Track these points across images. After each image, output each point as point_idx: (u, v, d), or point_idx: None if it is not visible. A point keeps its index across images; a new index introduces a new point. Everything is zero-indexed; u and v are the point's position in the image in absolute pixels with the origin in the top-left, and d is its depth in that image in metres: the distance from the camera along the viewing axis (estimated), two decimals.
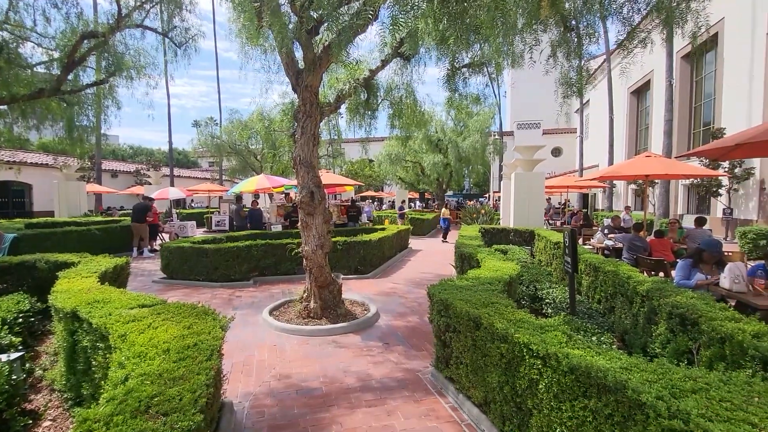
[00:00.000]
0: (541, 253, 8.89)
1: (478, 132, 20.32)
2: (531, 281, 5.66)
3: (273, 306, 5.66)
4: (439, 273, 8.72)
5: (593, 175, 9.74)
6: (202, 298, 6.47)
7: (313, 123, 4.89)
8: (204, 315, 2.80)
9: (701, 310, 2.99)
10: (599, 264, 5.04)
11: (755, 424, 1.37)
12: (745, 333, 2.43)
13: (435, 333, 3.49)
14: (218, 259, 7.51)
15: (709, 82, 18.07)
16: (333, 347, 4.37)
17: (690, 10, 3.54)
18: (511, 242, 10.54)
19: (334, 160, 29.54)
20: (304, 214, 5.03)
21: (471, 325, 2.82)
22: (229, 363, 3.90)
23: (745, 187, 14.54)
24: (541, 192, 11.27)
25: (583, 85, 4.55)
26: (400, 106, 7.74)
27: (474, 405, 2.92)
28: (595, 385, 1.78)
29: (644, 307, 3.82)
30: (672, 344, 3.19)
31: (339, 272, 8.14)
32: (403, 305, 6.13)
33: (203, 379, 1.91)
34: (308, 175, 4.92)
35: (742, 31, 14.66)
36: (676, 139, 17.79)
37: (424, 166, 21.46)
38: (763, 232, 10.33)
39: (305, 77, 4.73)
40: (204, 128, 24.90)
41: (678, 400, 1.53)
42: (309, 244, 5.08)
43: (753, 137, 3.82)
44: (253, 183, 11.66)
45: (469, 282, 3.76)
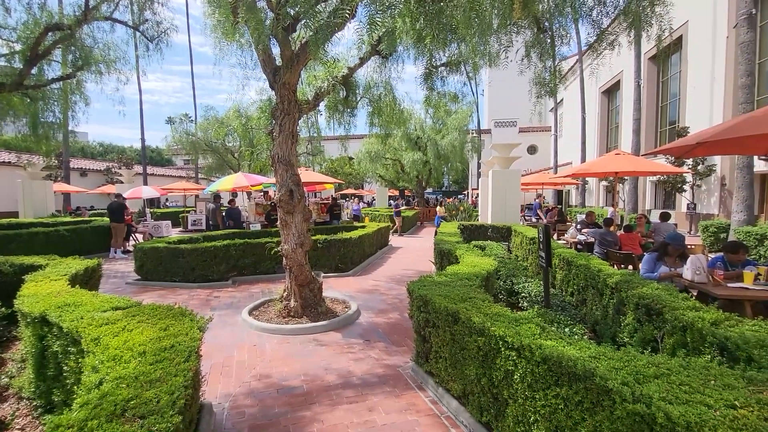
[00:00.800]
0: (518, 249, 9.11)
1: (456, 130, 20.57)
2: (508, 276, 5.81)
3: (252, 306, 5.60)
4: (419, 269, 8.83)
5: (566, 173, 10.05)
6: (178, 300, 6.33)
7: (291, 121, 4.86)
8: (181, 316, 2.76)
9: (665, 300, 3.15)
10: (572, 258, 5.23)
11: (710, 405, 1.48)
12: (704, 321, 2.59)
13: (415, 328, 3.55)
14: (195, 260, 7.35)
15: (674, 82, 18.89)
16: (314, 345, 4.37)
17: (654, 14, 3.72)
18: (489, 238, 10.75)
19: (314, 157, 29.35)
20: (283, 212, 4.99)
21: (449, 319, 2.89)
22: (207, 364, 3.84)
23: (707, 184, 15.31)
24: (517, 189, 11.53)
25: (556, 85, 4.69)
26: (380, 104, 7.76)
27: (453, 397, 2.99)
28: (566, 373, 1.87)
29: (613, 299, 3.99)
30: (639, 333, 3.36)
31: (319, 270, 8.11)
32: (383, 302, 6.18)
33: (181, 380, 1.89)
34: (287, 173, 4.88)
35: (705, 34, 15.39)
36: (644, 138, 18.53)
37: (404, 163, 21.56)
38: (723, 225, 10.92)
39: (283, 74, 4.69)
40: (178, 125, 24.22)
41: (641, 385, 1.62)
42: (288, 243, 5.05)
43: (713, 136, 4.03)
44: (231, 181, 11.45)
45: (447, 278, 3.83)
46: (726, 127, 3.89)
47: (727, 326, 2.50)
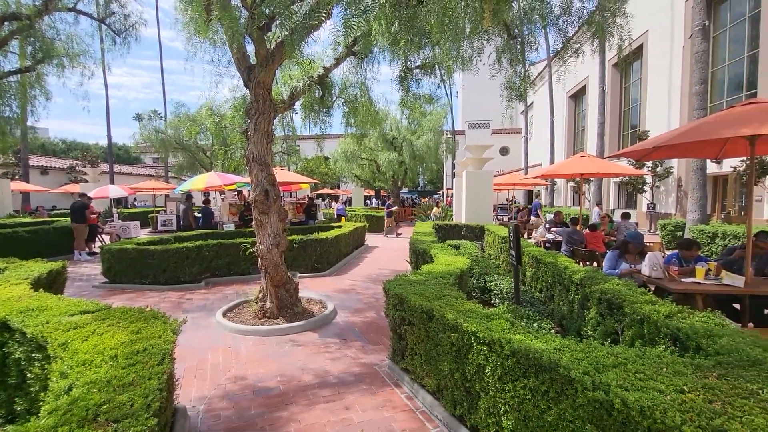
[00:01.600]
0: (491, 247, 9.36)
1: (431, 131, 20.86)
2: (481, 274, 5.98)
3: (227, 307, 5.51)
4: (395, 269, 8.91)
5: (536, 174, 10.41)
6: (149, 302, 6.14)
7: (266, 120, 4.82)
8: (153, 319, 2.70)
9: (625, 295, 3.36)
10: (540, 256, 5.45)
11: (662, 390, 1.62)
12: (659, 314, 2.79)
13: (391, 326, 3.62)
14: (166, 261, 7.14)
15: (635, 88, 19.90)
16: (290, 346, 4.36)
17: (616, 25, 3.95)
18: (463, 237, 10.99)
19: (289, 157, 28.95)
20: (258, 212, 4.95)
21: (424, 317, 2.97)
22: (181, 367, 3.76)
23: (665, 185, 16.23)
24: (489, 189, 11.84)
25: (526, 89, 4.88)
26: (355, 104, 7.79)
27: (428, 393, 3.07)
28: (533, 365, 1.98)
29: (578, 295, 4.21)
30: (601, 326, 3.56)
31: (296, 271, 8.05)
32: (360, 301, 6.22)
33: (155, 383, 1.87)
34: (262, 173, 4.84)
35: (663, 43, 16.29)
36: (608, 141, 19.42)
37: (380, 163, 21.67)
38: (679, 224, 11.62)
39: (257, 73, 4.64)
40: (147, 122, 23.31)
41: (601, 374, 1.75)
42: (264, 243, 5.00)
43: (668, 140, 4.31)
44: (203, 180, 11.14)
45: (422, 277, 3.92)
46: (680, 132, 4.17)
47: (679, 318, 2.70)
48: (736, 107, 4.04)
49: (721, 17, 14.02)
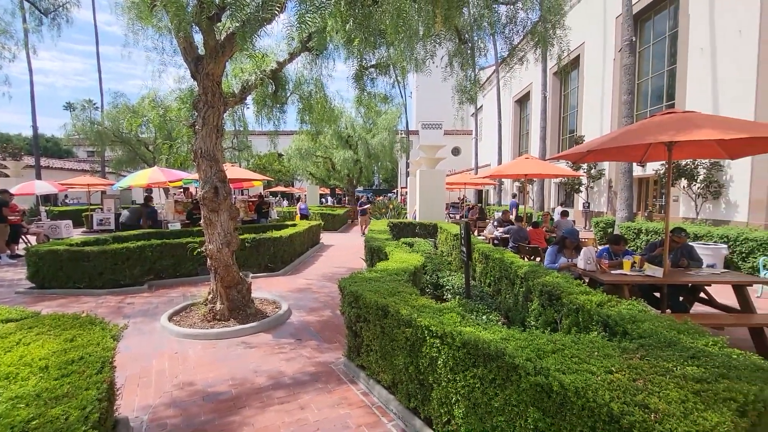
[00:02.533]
0: (443, 245, 9.67)
1: (386, 130, 21.04)
2: (434, 270, 6.17)
3: (173, 311, 5.21)
4: (351, 267, 8.93)
5: (484, 174, 10.90)
6: (84, 308, 5.61)
7: (215, 114, 4.61)
8: (90, 325, 2.51)
9: (563, 287, 3.64)
10: (489, 252, 5.73)
11: (594, 372, 1.79)
12: (592, 303, 3.06)
13: (346, 324, 3.64)
14: (103, 263, 6.59)
15: (573, 96, 21.44)
16: (242, 348, 4.22)
17: (556, 36, 4.26)
18: (417, 235, 11.23)
19: (240, 153, 27.83)
20: (207, 210, 4.73)
21: (379, 313, 3.02)
22: (122, 376, 3.51)
23: (598, 186, 17.66)
24: (442, 187, 12.20)
25: (476, 93, 5.11)
26: (310, 100, 7.68)
27: (383, 387, 3.14)
28: (482, 355, 2.10)
29: (523, 288, 4.49)
30: (543, 317, 3.83)
31: (248, 271, 7.79)
32: (315, 300, 6.16)
33: (94, 393, 1.76)
34: (211, 169, 4.63)
35: (597, 55, 17.68)
36: (549, 144, 20.75)
37: (335, 161, 21.49)
38: (610, 221, 12.73)
39: (206, 65, 4.43)
40: (81, 112, 21.26)
41: (541, 360, 1.90)
42: (214, 243, 4.80)
43: (599, 145, 4.72)
44: (145, 176, 10.38)
45: (377, 274, 3.98)
46: (609, 137, 4.58)
47: (609, 306, 2.98)
48: (656, 116, 4.51)
49: (645, 34, 15.50)
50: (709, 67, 11.49)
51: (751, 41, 10.14)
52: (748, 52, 10.19)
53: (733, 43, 10.69)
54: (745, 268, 7.76)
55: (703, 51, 11.72)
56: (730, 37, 10.76)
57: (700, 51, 11.80)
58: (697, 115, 4.24)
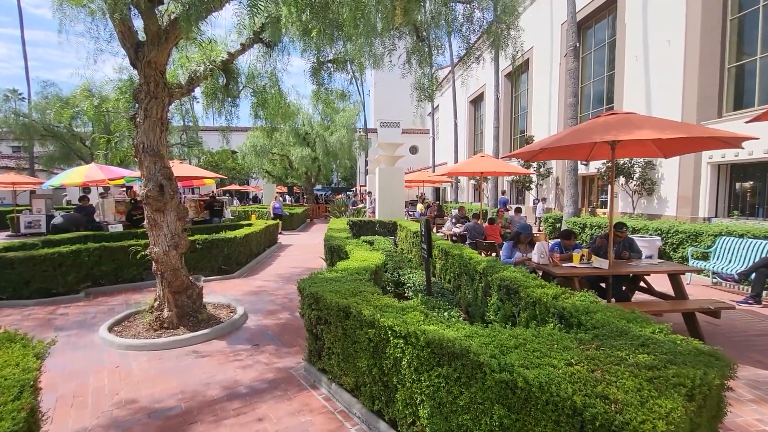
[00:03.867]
0: (403, 242, 9.71)
1: (344, 127, 20.82)
2: (395, 268, 6.16)
3: (113, 321, 4.76)
4: (310, 266, 8.71)
5: (442, 172, 11.08)
6: (5, 322, 5.01)
7: (159, 105, 4.25)
8: (7, 342, 2.19)
9: (520, 281, 3.75)
10: (448, 249, 5.81)
11: (555, 365, 1.81)
12: (548, 296, 3.17)
13: (306, 327, 3.50)
14: (30, 270, 5.89)
15: (523, 98, 22.46)
16: (193, 358, 3.94)
17: (510, 36, 4.38)
18: (377, 233, 11.20)
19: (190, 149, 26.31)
20: (151, 210, 4.36)
21: (341, 315, 2.92)
22: (52, 397, 3.14)
23: (547, 183, 18.63)
24: (401, 185, 12.26)
25: (433, 91, 5.13)
26: (264, 95, 7.36)
27: (346, 391, 3.05)
28: (446, 354, 2.07)
29: (482, 283, 4.58)
30: (501, 311, 3.92)
31: (200, 274, 7.35)
32: (273, 302, 5.92)
33: (8, 425, 1.51)
34: (155, 165, 4.27)
35: (545, 59, 18.60)
36: (502, 143, 21.57)
37: (292, 159, 20.95)
38: (558, 216, 13.45)
39: (147, 52, 4.06)
40: (3, 103, 19.02)
41: (505, 356, 1.90)
42: (159, 245, 4.44)
43: (550, 143, 4.92)
44: (81, 174, 9.44)
45: (338, 274, 3.87)
46: (560, 136, 4.78)
47: (563, 299, 3.09)
48: (601, 117, 4.77)
49: (587, 41, 16.53)
50: (643, 74, 12.47)
51: (677, 51, 11.12)
52: (676, 60, 11.17)
53: (663, 52, 11.67)
54: (675, 257, 8.50)
55: (637, 58, 12.69)
56: (661, 47, 11.74)
57: (635, 58, 12.78)
58: (636, 116, 4.53)
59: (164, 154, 4.36)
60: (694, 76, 10.70)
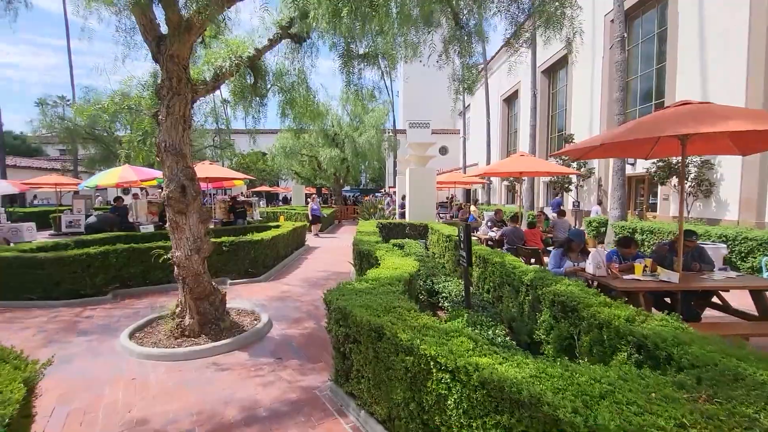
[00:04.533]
0: (435, 246, 9.24)
1: (373, 128, 20.53)
2: (428, 275, 5.72)
3: (135, 326, 4.61)
4: (337, 271, 8.41)
5: (477, 172, 10.50)
6: (31, 324, 4.98)
7: (182, 102, 4.04)
8: None
9: (579, 297, 3.22)
10: (488, 256, 5.30)
11: (663, 427, 1.34)
12: (619, 319, 2.64)
13: (333, 344, 3.14)
14: (60, 271, 5.91)
15: (561, 95, 21.35)
16: (213, 371, 3.67)
17: (566, 16, 3.85)
18: (408, 236, 10.78)
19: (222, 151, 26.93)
20: (173, 212, 4.15)
21: (373, 335, 2.53)
22: (63, 412, 2.95)
23: (587, 184, 17.54)
24: (432, 186, 11.78)
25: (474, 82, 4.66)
26: (292, 94, 7.13)
27: (378, 422, 2.65)
28: (508, 399, 1.63)
29: (529, 296, 4.06)
30: (555, 331, 3.40)
31: (226, 277, 7.21)
32: (298, 309, 5.63)
33: None
34: (177, 165, 4.06)
35: (586, 53, 17.54)
36: (538, 142, 20.58)
37: (321, 160, 20.86)
38: (602, 220, 12.51)
39: (169, 45, 3.85)
40: (49, 108, 20.09)
41: (591, 410, 1.44)
42: (181, 249, 4.22)
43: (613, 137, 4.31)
44: (115, 175, 9.62)
45: (369, 284, 3.49)
46: (624, 129, 4.17)
47: (640, 323, 2.56)
48: (670, 108, 4.13)
49: (633, 32, 15.40)
50: (698, 66, 11.36)
51: (740, 41, 10.00)
52: (737, 51, 10.06)
53: (722, 42, 10.55)
54: (744, 267, 7.55)
55: (692, 49, 11.59)
56: (720, 36, 10.63)
57: (690, 49, 11.67)
58: (716, 106, 3.88)
59: (187, 154, 4.14)
60: (760, 68, 9.57)
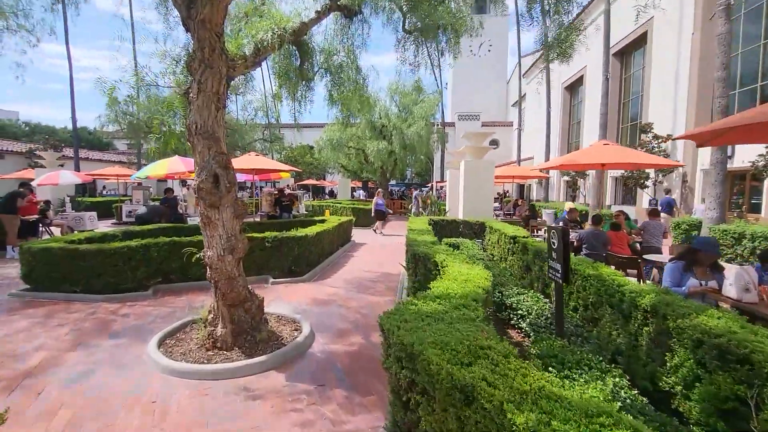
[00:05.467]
0: (494, 247, 8.23)
1: (423, 119, 19.56)
2: (495, 285, 4.80)
3: (167, 331, 4.15)
4: (386, 271, 7.67)
5: (551, 165, 9.23)
6: (69, 319, 4.73)
7: (215, 77, 3.44)
8: None
9: (749, 341, 2.19)
10: (577, 266, 4.26)
11: None
12: None
13: (392, 386, 2.35)
14: (101, 263, 5.70)
15: (636, 80, 19.00)
16: (243, 399, 3.05)
17: None
18: (461, 234, 9.84)
19: (271, 144, 27.31)
20: (205, 205, 3.59)
21: (457, 396, 1.71)
22: None
23: (668, 180, 15.39)
24: (490, 181, 10.68)
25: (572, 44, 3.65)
26: (341, 75, 6.46)
27: None
28: None
29: (649, 327, 3.03)
30: (703, 387, 2.38)
31: (268, 274, 6.73)
32: (344, 318, 4.95)
33: None
34: (209, 151, 3.48)
35: (671, 31, 15.31)
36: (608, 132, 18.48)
37: (368, 153, 20.25)
38: (695, 222, 10.69)
39: (200, 7, 3.25)
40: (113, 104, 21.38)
41: None
42: (214, 248, 3.66)
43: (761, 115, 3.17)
44: (164, 166, 9.58)
45: (437, 304, 2.67)
46: None
47: None
48: None
49: None
50: None
51: None
52: None
53: None
54: None
55: None
56: None
57: None
58: None
59: (220, 138, 3.55)
60: None
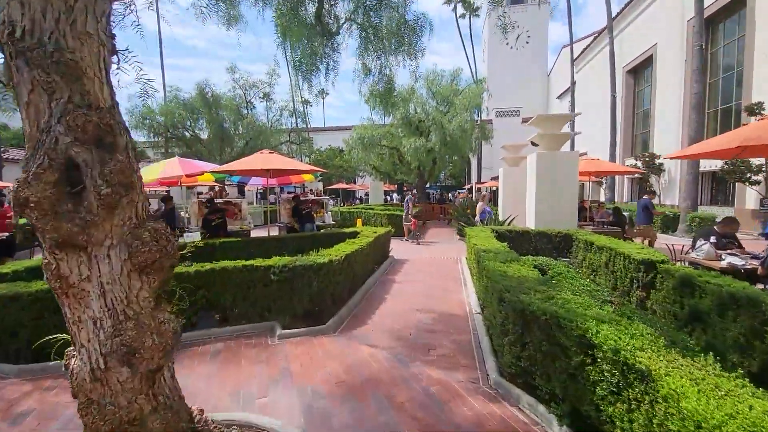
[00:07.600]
0: (588, 269, 5.78)
1: (466, 110, 17.01)
2: None
3: None
4: (444, 311, 5.27)
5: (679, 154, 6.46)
6: None
7: None
8: None
9: None
10: None
11: None
12: None
13: None
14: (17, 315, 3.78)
15: (730, 52, 15.59)
16: None
17: None
18: (536, 249, 7.40)
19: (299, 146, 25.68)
20: (48, 244, 1.45)
21: None
22: None
23: None
24: (574, 178, 8.12)
25: None
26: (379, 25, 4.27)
27: None
28: None
29: None
30: None
31: (274, 321, 4.60)
32: (398, 426, 2.68)
33: None
34: (51, 96, 1.34)
35: None
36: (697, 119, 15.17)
37: (403, 152, 17.89)
38: None
39: None
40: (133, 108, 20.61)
41: None
42: (83, 351, 1.51)
43: None
44: (156, 170, 7.71)
45: None
46: None
47: None
48: None
49: None
50: None
51: None
52: None
53: None
54: None
55: None
56: None
57: None
58: None
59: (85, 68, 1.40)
60: None
